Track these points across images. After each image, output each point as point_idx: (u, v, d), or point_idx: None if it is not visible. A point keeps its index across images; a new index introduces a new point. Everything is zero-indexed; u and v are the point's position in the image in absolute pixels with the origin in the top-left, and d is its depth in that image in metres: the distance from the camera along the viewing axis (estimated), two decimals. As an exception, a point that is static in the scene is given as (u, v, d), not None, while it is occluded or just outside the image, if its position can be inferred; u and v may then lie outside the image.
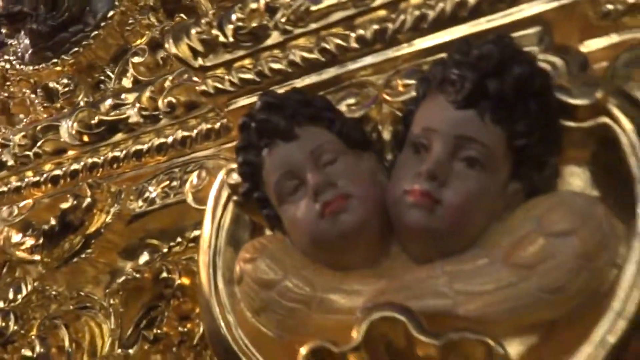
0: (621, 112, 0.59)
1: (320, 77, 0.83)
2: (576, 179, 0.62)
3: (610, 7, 0.71)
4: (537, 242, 0.55)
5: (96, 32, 1.84)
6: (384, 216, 0.64)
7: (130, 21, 1.93)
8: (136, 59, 1.77)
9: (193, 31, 0.92)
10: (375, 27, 0.78)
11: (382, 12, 0.80)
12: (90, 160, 1.14)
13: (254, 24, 0.87)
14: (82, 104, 1.87)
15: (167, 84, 1.08)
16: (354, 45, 0.80)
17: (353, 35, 0.80)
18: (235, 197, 0.79)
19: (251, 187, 0.71)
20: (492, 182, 0.58)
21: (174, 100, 1.05)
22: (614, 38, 0.73)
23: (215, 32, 0.90)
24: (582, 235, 0.53)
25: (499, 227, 0.59)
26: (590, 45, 0.74)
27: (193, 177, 0.90)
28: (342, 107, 0.77)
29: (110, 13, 1.90)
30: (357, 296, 0.60)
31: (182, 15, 1.96)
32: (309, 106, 0.69)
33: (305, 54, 0.83)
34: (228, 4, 2.31)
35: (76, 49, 1.84)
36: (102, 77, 1.91)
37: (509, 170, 0.59)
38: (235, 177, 0.81)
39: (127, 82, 1.82)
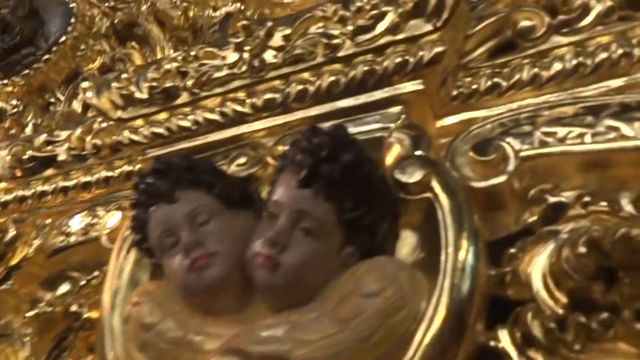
0: (441, 189, 0.72)
1: (220, 136, 0.94)
2: (409, 241, 0.74)
3: (456, 91, 0.84)
4: (353, 301, 0.66)
5: (47, 56, 1.91)
6: (247, 270, 0.75)
7: (82, 47, 2.00)
8: (86, 84, 1.83)
9: (114, 85, 1.01)
10: (267, 96, 0.90)
11: (275, 83, 0.91)
12: (20, 193, 1.21)
13: (167, 84, 0.97)
14: (30, 125, 1.93)
15: (95, 125, 1.17)
16: (248, 110, 0.91)
17: (248, 101, 0.91)
18: (137, 242, 0.89)
19: (141, 239, 0.81)
20: (326, 247, 0.70)
21: (99, 142, 1.14)
22: (463, 116, 0.86)
23: (133, 88, 0.99)
24: (385, 296, 0.65)
25: (334, 285, 0.70)
26: (444, 122, 0.86)
27: (109, 218, 0.99)
28: (233, 167, 0.88)
29: (63, 38, 1.97)
30: (217, 339, 0.70)
31: (134, 43, 2.05)
32: (191, 171, 0.80)
33: (208, 115, 0.93)
34: (183, 33, 2.39)
35: (27, 71, 1.91)
36: (53, 100, 1.98)
37: (342, 237, 0.71)
38: (138, 224, 0.90)
39: (77, 105, 1.89)
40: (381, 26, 0.81)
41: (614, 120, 0.72)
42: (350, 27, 0.83)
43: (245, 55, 0.89)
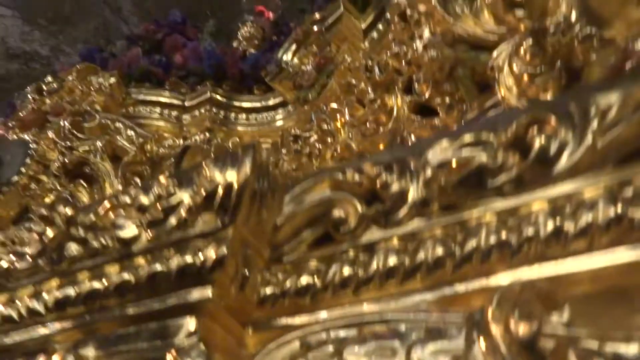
0: None
1: (18, 337, 0.82)
2: None
3: (269, 290, 0.70)
4: None
5: (-2, 197, 1.96)
6: None
7: (33, 185, 2.05)
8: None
9: None
10: (61, 292, 0.79)
11: (77, 277, 0.81)
12: None
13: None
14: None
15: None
16: (42, 308, 0.80)
17: (44, 297, 0.80)
18: None
19: None
20: None
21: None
22: (278, 322, 0.70)
23: None
24: None
25: None
26: (257, 329, 0.71)
27: None
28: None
29: (16, 178, 2.03)
30: None
31: (82, 181, 2.08)
32: None
33: (3, 310, 0.83)
34: (139, 167, 2.42)
35: (-25, 214, 1.95)
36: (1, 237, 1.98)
37: None
38: None
39: (20, 245, 1.87)
40: (172, 221, 0.71)
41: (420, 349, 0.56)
42: (145, 218, 0.74)
43: (48, 246, 0.80)
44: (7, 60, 5.07)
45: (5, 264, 0.84)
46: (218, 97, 2.21)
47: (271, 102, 2.14)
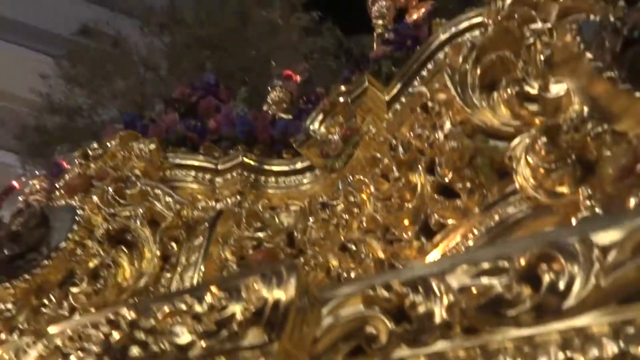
0: None
1: None
2: None
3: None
4: None
5: (46, 262, 2.10)
6: None
7: (78, 251, 2.18)
8: (75, 289, 1.99)
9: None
10: None
11: None
12: None
13: (51, 364, 1.00)
14: (20, 326, 2.03)
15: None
16: None
17: None
18: None
19: None
20: None
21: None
22: None
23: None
24: None
25: None
26: None
27: None
28: None
29: (63, 244, 2.17)
30: None
31: (124, 247, 2.20)
32: None
33: None
34: (175, 232, 2.51)
35: (27, 276, 2.08)
36: (46, 301, 2.10)
37: None
38: None
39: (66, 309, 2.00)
40: (224, 332, 0.81)
41: None
42: (200, 328, 0.83)
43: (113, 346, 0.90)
44: (51, 114, 5.38)
45: (74, 359, 0.94)
46: (249, 161, 2.33)
47: (299, 165, 2.24)
